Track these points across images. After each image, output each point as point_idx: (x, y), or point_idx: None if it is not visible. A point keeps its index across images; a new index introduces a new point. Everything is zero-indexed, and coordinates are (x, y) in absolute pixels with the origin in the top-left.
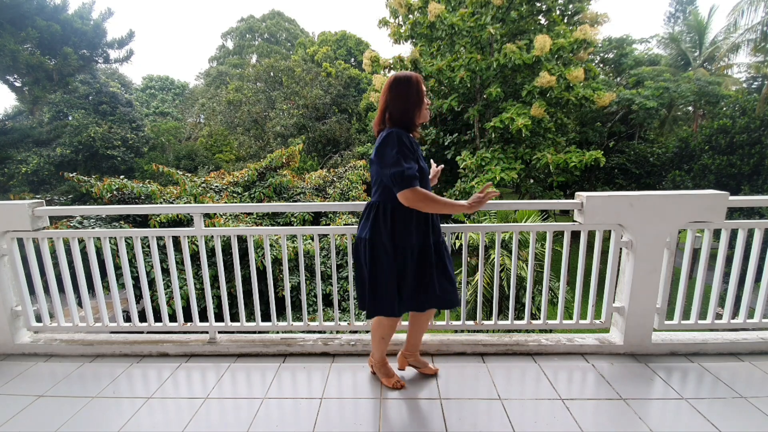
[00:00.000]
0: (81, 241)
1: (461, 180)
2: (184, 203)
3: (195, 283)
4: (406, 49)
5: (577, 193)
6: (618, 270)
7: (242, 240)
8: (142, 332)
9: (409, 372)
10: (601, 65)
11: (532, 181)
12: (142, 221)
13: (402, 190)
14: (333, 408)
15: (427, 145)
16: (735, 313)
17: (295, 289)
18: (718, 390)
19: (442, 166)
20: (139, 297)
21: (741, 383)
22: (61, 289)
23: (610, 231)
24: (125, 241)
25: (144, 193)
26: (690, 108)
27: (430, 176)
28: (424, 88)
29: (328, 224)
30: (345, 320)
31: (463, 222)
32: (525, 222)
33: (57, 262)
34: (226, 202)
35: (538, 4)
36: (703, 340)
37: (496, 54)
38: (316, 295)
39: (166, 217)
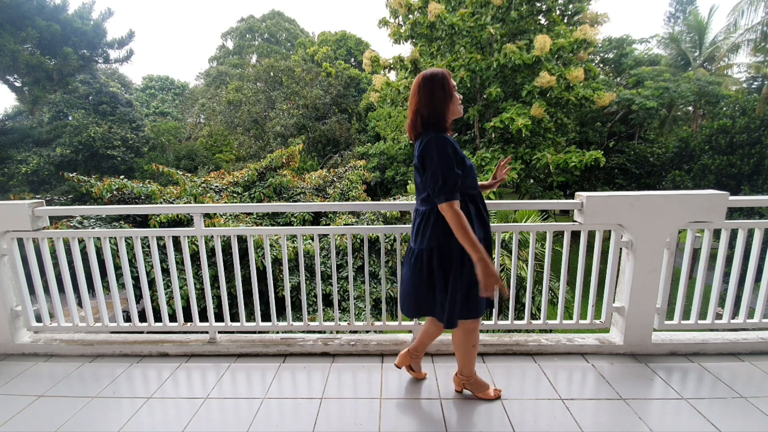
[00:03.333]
0: (81, 241)
1: None
2: (184, 203)
3: (195, 283)
4: (406, 49)
5: (577, 193)
6: (618, 270)
7: (242, 240)
8: (142, 332)
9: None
10: (601, 65)
11: (532, 181)
12: (142, 221)
13: (441, 202)
14: (333, 408)
15: None
16: (735, 313)
17: (295, 289)
18: (718, 390)
19: (509, 158)
20: (139, 297)
21: (741, 383)
22: (61, 289)
23: (610, 231)
24: (125, 241)
25: (144, 193)
26: (690, 108)
27: (495, 173)
28: (453, 83)
29: (328, 224)
30: (345, 320)
31: None
32: (525, 222)
33: (57, 262)
34: (226, 202)
35: (538, 4)
36: (703, 340)
37: (496, 54)
38: (316, 295)
39: (166, 217)
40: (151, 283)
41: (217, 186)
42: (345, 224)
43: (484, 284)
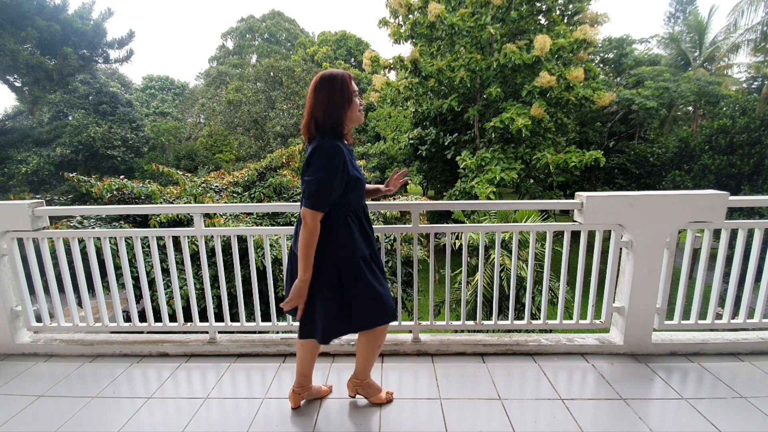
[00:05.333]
0: (81, 241)
1: (461, 180)
2: (184, 203)
3: (195, 283)
4: (406, 49)
5: (577, 193)
6: (618, 270)
7: (242, 240)
8: (142, 332)
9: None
10: (601, 65)
11: (532, 181)
12: (142, 221)
13: (305, 206)
14: (333, 408)
15: (427, 145)
16: (735, 313)
17: None
18: (718, 390)
19: (405, 170)
20: (139, 297)
21: (741, 383)
22: (61, 289)
23: (610, 231)
24: (125, 241)
25: (144, 193)
26: (690, 108)
27: (389, 180)
28: (354, 87)
29: None
30: None
31: (463, 222)
32: (525, 222)
33: (57, 262)
34: (226, 202)
35: (538, 4)
36: (703, 340)
37: (496, 54)
38: None
39: (166, 217)
40: (151, 283)
41: (217, 186)
42: None
43: (291, 300)
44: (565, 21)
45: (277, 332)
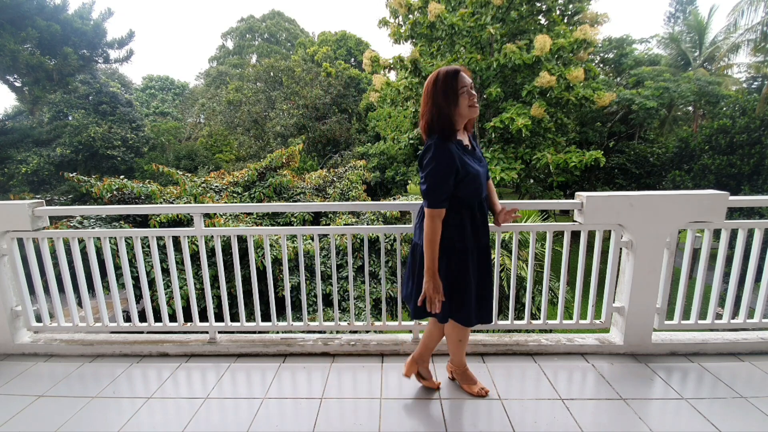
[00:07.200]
0: (81, 241)
1: None
2: (184, 203)
3: (195, 283)
4: (406, 49)
5: (577, 193)
6: (618, 270)
7: (242, 240)
8: (142, 332)
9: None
10: (601, 65)
11: (532, 181)
12: (142, 221)
13: (425, 206)
14: (333, 408)
15: None
16: (735, 313)
17: (295, 289)
18: (718, 390)
19: (514, 208)
20: (139, 297)
21: (741, 383)
22: (61, 289)
23: (610, 231)
24: (125, 241)
25: (144, 193)
26: (690, 108)
27: (497, 216)
28: (464, 82)
29: (328, 224)
30: (345, 320)
31: None
32: (525, 222)
33: (57, 262)
34: (226, 202)
35: (538, 4)
36: (703, 340)
37: (496, 54)
38: (316, 295)
39: (166, 217)
40: (151, 283)
41: (217, 186)
42: (345, 224)
43: (427, 295)
44: (565, 21)
45: (277, 332)
